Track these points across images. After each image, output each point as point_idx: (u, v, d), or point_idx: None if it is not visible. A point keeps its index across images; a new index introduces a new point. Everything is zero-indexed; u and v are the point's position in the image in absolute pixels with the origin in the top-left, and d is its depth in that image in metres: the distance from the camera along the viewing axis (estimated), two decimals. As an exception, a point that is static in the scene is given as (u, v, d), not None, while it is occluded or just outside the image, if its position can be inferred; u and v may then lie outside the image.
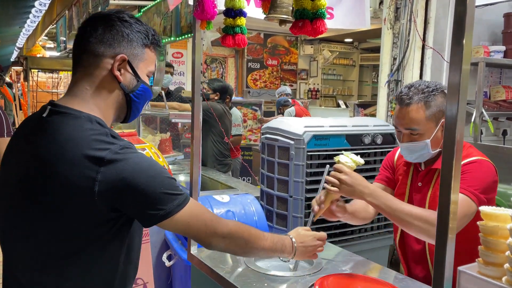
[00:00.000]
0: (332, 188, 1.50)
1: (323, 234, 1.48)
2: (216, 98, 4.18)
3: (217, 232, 1.16)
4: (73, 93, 1.12)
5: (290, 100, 6.42)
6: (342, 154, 1.57)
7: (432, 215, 1.40)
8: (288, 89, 7.03)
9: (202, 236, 1.15)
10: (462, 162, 1.46)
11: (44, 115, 1.09)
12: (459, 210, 1.39)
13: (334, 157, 1.59)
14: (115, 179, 1.00)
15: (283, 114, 6.22)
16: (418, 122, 1.53)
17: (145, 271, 2.16)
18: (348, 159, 1.53)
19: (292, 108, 6.24)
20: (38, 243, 1.06)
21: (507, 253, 0.88)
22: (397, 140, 1.65)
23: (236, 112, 4.72)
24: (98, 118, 1.09)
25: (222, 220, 1.20)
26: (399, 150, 1.74)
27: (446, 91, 1.24)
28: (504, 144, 3.46)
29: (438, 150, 1.57)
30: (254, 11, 1.81)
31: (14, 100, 8.84)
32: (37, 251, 1.06)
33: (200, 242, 1.19)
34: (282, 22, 1.50)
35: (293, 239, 1.39)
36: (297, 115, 5.98)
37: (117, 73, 1.12)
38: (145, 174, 1.03)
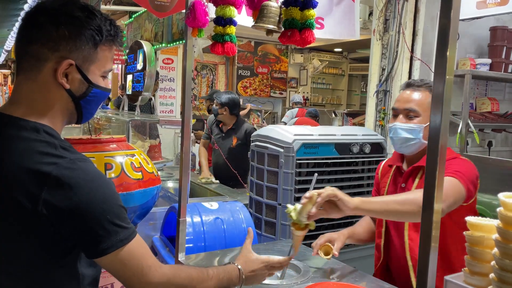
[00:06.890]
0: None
1: (273, 259, 1.32)
2: (225, 112, 3.64)
3: (153, 282, 1.00)
4: (16, 100, 1.00)
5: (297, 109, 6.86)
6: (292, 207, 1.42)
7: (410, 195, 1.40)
8: (296, 98, 7.69)
9: (134, 282, 0.99)
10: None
11: None
12: (450, 190, 1.36)
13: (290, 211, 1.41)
14: (61, 199, 0.90)
15: None
16: (421, 104, 1.57)
17: (131, 278, 2.14)
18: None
19: (295, 109, 6.81)
20: None
21: (493, 263, 0.90)
22: (385, 146, 1.66)
23: None
24: (46, 126, 0.98)
25: (161, 268, 1.04)
26: (382, 163, 1.78)
27: None
28: (489, 155, 3.52)
29: (423, 148, 1.58)
30: (245, 20, 1.82)
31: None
32: None
33: None
34: (269, 31, 1.52)
35: (241, 270, 1.24)
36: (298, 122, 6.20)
37: (62, 80, 0.98)
38: (93, 195, 0.93)
